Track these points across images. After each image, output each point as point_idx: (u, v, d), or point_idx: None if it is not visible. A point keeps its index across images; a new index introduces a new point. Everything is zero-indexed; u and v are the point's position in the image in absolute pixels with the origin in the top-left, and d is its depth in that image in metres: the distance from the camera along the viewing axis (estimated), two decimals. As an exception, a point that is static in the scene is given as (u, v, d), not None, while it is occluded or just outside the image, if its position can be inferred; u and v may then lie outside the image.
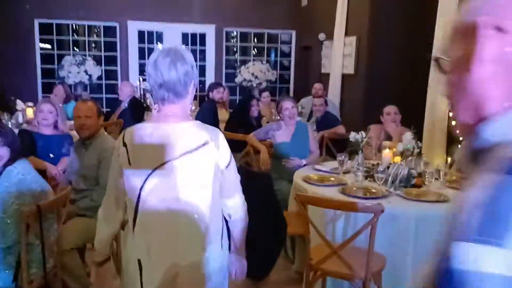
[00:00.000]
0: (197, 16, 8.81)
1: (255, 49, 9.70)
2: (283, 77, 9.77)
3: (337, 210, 2.75)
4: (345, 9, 7.07)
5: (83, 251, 3.29)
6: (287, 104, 3.92)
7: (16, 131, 3.42)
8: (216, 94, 5.42)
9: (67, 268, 2.62)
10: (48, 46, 8.60)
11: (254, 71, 8.95)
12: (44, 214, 2.23)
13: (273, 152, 4.05)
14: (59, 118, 3.64)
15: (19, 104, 5.47)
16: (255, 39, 9.65)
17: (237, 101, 8.11)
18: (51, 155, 3.37)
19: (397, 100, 5.07)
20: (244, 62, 9.26)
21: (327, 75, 7.55)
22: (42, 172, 2.93)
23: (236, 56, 9.53)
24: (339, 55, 7.19)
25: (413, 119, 4.90)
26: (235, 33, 9.51)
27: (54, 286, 2.48)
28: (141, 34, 8.74)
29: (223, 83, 9.11)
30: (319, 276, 2.56)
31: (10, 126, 4.80)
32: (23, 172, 2.23)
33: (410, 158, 3.38)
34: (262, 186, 2.95)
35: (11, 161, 2.21)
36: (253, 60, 9.32)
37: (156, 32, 8.86)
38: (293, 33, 9.57)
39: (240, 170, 3.14)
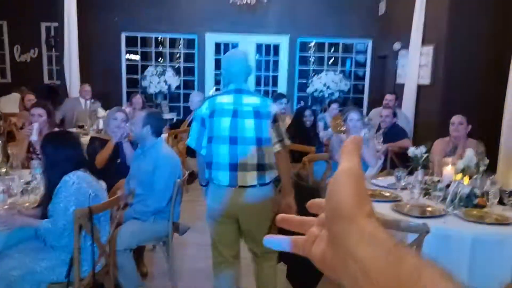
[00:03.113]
0: (271, 27, 8.95)
1: (330, 59, 9.61)
2: (357, 88, 9.57)
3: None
4: (423, 17, 6.78)
5: (141, 252, 3.50)
6: (353, 115, 3.85)
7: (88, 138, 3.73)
8: (279, 105, 5.47)
9: (119, 267, 2.79)
10: (133, 57, 9.23)
11: (326, 81, 8.87)
12: (96, 217, 2.41)
13: (331, 164, 3.99)
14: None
15: (100, 111, 5.91)
16: (332, 49, 9.57)
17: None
18: (118, 160, 3.60)
19: (475, 112, 4.77)
20: (317, 72, 9.22)
21: (402, 85, 7.27)
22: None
23: (309, 66, 9.50)
24: (415, 64, 6.90)
25: (492, 133, 4.57)
26: (312, 43, 9.51)
27: (105, 284, 2.66)
28: (217, 45, 9.06)
29: (295, 93, 9.18)
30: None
31: (91, 132, 5.23)
32: (78, 181, 2.43)
33: (475, 176, 3.14)
34: (310, 198, 2.92)
35: (67, 171, 2.43)
36: (327, 70, 9.24)
37: (232, 43, 9.12)
38: (369, 42, 9.35)
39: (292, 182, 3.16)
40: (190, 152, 4.78)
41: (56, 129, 3.64)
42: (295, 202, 2.74)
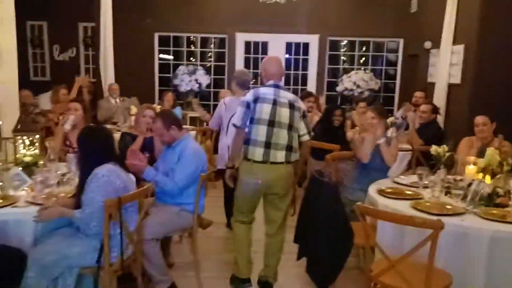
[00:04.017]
0: (301, 27, 9.00)
1: (361, 58, 9.57)
2: (388, 86, 9.50)
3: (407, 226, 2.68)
4: (454, 16, 6.71)
5: (168, 244, 3.66)
6: (368, 114, 3.89)
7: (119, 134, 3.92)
8: (306, 104, 5.53)
9: (146, 256, 2.95)
10: (165, 56, 9.48)
11: (356, 80, 8.85)
12: (124, 206, 2.57)
13: (356, 163, 4.04)
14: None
15: (133, 109, 6.14)
16: (363, 48, 9.53)
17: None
18: (147, 154, 3.77)
19: (505, 111, 4.71)
20: (347, 71, 9.21)
21: (433, 84, 7.20)
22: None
23: (339, 64, 9.50)
24: (446, 63, 6.83)
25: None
26: (344, 42, 9.50)
27: (133, 271, 2.81)
28: (247, 44, 9.19)
29: (324, 92, 9.19)
30: (378, 288, 2.54)
31: (123, 129, 5.44)
32: (108, 174, 2.60)
33: (498, 175, 3.13)
34: (330, 195, 2.99)
35: (99, 163, 2.60)
36: (357, 69, 9.23)
37: (262, 42, 9.23)
38: (401, 41, 9.27)
39: (311, 178, 3.24)
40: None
41: (91, 124, 3.85)
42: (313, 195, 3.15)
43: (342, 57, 9.54)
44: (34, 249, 2.55)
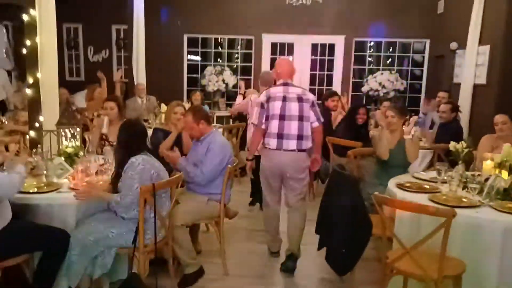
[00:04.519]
0: (327, 28, 9.13)
1: (387, 58, 9.62)
2: (413, 87, 9.51)
3: (424, 216, 2.80)
4: (480, 17, 6.72)
5: (196, 232, 3.88)
6: (388, 112, 4.02)
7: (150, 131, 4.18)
8: (331, 103, 5.68)
9: (176, 241, 3.17)
10: (194, 57, 9.77)
11: (381, 81, 8.91)
12: (158, 193, 2.80)
13: (376, 159, 4.16)
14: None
15: (163, 107, 6.42)
16: (390, 48, 9.58)
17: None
18: (176, 148, 4.00)
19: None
20: (373, 72, 9.28)
21: (459, 85, 7.22)
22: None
23: (365, 65, 9.58)
24: (472, 64, 6.85)
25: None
26: (371, 43, 9.56)
27: (165, 255, 3.04)
28: (273, 45, 9.38)
29: (350, 92, 9.29)
30: (394, 274, 2.67)
31: (154, 125, 5.71)
32: (143, 163, 2.85)
33: (516, 171, 3.21)
34: (350, 188, 3.14)
35: (135, 153, 2.84)
36: (383, 69, 9.28)
37: (287, 43, 9.40)
38: (427, 41, 9.28)
39: (332, 172, 3.41)
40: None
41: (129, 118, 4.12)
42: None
43: (369, 58, 9.60)
44: (77, 230, 2.80)
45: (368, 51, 9.61)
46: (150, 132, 4.31)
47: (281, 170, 3.64)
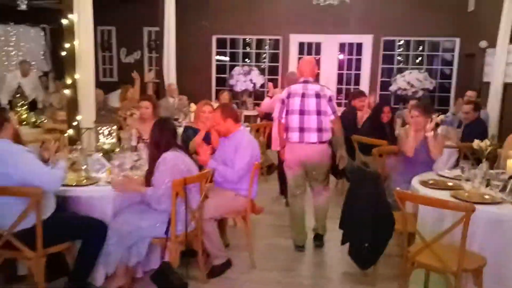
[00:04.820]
0: (354, 27, 9.15)
1: (416, 57, 9.57)
2: (443, 86, 9.43)
3: (446, 212, 2.86)
4: (511, 15, 6.63)
5: (224, 226, 4.04)
6: (413, 112, 4.06)
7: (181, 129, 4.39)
8: (358, 102, 5.73)
9: (205, 233, 3.33)
10: (222, 58, 9.97)
11: (410, 80, 8.88)
12: (188, 187, 2.97)
13: (401, 156, 4.22)
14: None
15: (193, 106, 6.62)
16: (420, 47, 9.53)
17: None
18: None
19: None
20: (401, 71, 9.25)
21: (488, 84, 7.15)
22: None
23: (393, 64, 9.55)
24: (502, 63, 6.78)
25: None
26: (400, 41, 9.53)
27: (194, 247, 3.22)
28: (301, 45, 9.48)
29: (377, 92, 9.29)
30: (415, 267, 2.75)
31: (184, 124, 5.91)
32: (174, 158, 3.03)
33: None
34: (372, 184, 3.24)
35: (166, 149, 3.02)
36: (411, 68, 9.24)
37: (315, 43, 9.48)
38: (457, 40, 9.19)
39: (356, 169, 3.51)
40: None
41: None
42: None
43: (398, 57, 9.57)
44: (114, 221, 3.00)
45: (397, 50, 9.58)
46: (180, 130, 4.52)
47: (304, 161, 3.92)
